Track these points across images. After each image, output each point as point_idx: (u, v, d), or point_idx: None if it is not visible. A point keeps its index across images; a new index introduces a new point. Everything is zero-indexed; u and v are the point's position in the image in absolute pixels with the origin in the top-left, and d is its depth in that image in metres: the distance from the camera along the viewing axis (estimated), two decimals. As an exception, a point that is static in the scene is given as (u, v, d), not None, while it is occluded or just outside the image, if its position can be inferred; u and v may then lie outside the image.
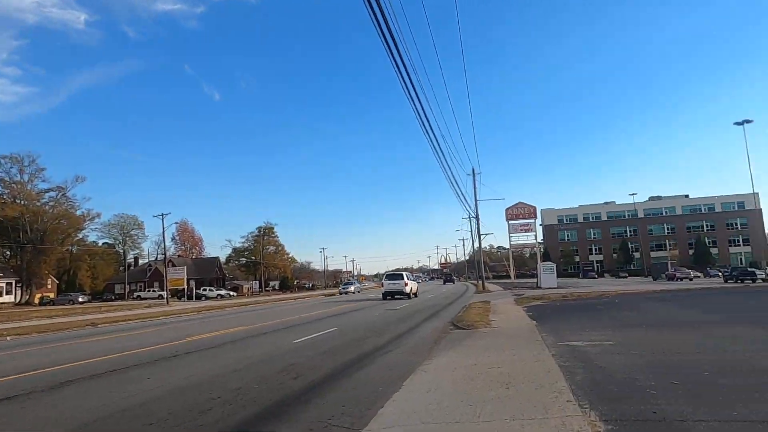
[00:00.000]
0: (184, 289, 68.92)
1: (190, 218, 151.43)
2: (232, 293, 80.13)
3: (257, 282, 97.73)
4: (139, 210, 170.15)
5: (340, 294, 55.74)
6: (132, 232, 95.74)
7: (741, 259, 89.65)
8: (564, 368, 7.06)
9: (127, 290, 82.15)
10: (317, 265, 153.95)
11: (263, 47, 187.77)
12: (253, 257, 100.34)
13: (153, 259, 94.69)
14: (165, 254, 68.44)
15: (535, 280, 54.26)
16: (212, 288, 77.76)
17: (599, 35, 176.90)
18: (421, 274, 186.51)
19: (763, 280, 43.54)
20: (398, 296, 34.17)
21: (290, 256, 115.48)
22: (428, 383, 6.80)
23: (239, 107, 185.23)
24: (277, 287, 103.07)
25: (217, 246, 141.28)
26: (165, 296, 59.75)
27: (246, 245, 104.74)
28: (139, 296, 77.41)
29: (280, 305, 35.87)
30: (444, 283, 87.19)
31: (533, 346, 9.54)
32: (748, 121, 48.73)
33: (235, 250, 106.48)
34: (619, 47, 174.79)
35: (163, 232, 63.81)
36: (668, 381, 5.95)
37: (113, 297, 78.59)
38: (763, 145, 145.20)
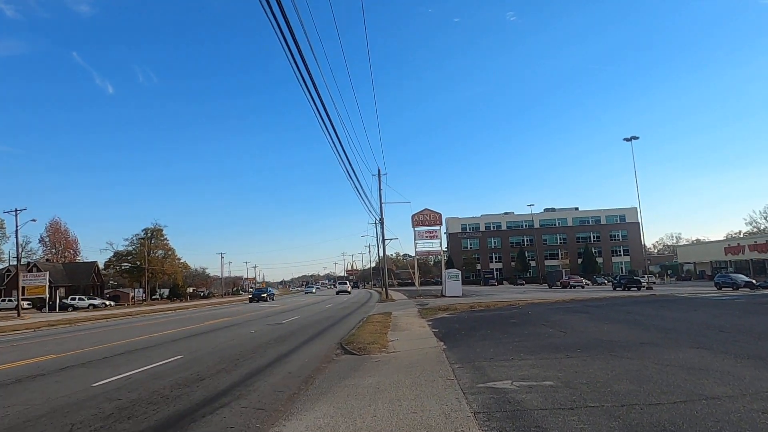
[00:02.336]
0: (46, 298, 58.89)
1: (67, 218, 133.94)
2: (108, 302, 70.07)
3: (141, 289, 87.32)
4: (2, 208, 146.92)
5: None
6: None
7: (622, 268, 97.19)
8: (500, 452, 3.97)
9: (-26, 299, 68.54)
10: (215, 271, 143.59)
11: (165, 39, 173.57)
12: (138, 262, 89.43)
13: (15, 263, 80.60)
14: (18, 257, 57.52)
15: (439, 287, 52.97)
16: (83, 297, 67.21)
17: (500, 61, 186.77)
18: (327, 281, 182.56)
19: (647, 288, 46.02)
20: (342, 293, 62.91)
21: (182, 261, 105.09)
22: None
23: (136, 102, 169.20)
24: (166, 295, 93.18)
25: (96, 249, 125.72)
26: (18, 306, 49.74)
27: (130, 248, 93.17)
28: (-10, 307, 64.90)
29: (149, 317, 30.21)
30: (352, 288, 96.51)
31: (443, 389, 6.46)
32: (635, 138, 51.86)
33: (116, 254, 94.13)
34: (518, 71, 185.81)
35: (17, 231, 53.12)
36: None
37: (-49, 308, 64.93)
38: (639, 161, 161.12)
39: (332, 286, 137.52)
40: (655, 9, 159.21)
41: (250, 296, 57.87)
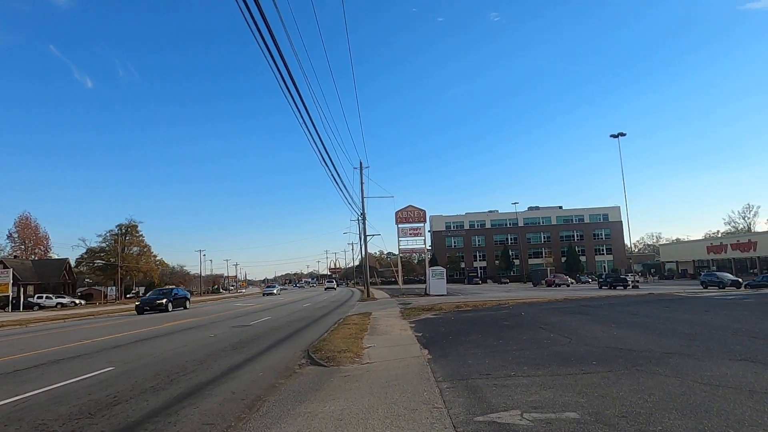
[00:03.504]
0: (9, 296, 55.84)
1: (38, 214, 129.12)
2: (78, 301, 66.92)
3: (114, 288, 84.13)
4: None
5: None
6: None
7: (605, 266, 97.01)
8: None
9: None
10: (194, 269, 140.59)
11: (147, 36, 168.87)
12: (112, 259, 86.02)
13: (-19, 260, 76.56)
14: (-23, 252, 54.22)
15: (423, 286, 51.41)
16: (51, 296, 63.90)
17: (485, 60, 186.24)
18: (310, 279, 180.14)
19: (633, 286, 45.09)
20: (329, 289, 78.44)
21: (158, 258, 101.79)
22: None
23: (116, 98, 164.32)
24: (141, 293, 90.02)
25: (68, 246, 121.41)
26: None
27: (103, 245, 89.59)
28: (-52, 306, 61.25)
29: (112, 317, 27.92)
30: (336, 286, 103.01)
31: (428, 425, 4.69)
32: (622, 134, 51.01)
33: (89, 250, 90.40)
34: (503, 69, 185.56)
35: (-25, 224, 50.12)
36: None
37: None
38: (617, 160, 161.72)
39: (315, 285, 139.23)
40: (641, 7, 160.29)
41: (137, 303, 33.30)
